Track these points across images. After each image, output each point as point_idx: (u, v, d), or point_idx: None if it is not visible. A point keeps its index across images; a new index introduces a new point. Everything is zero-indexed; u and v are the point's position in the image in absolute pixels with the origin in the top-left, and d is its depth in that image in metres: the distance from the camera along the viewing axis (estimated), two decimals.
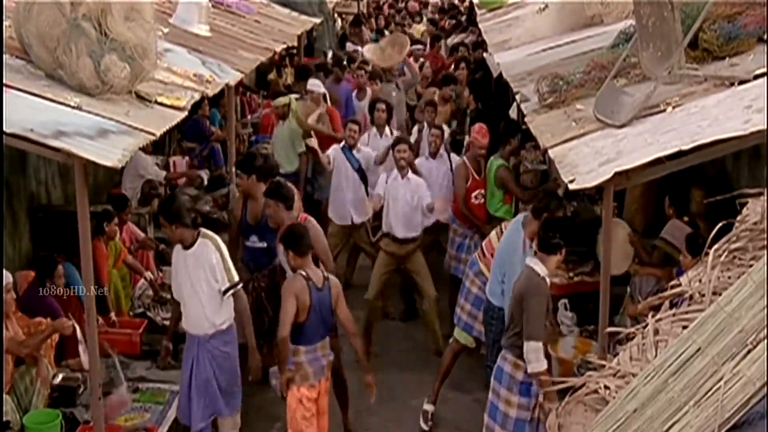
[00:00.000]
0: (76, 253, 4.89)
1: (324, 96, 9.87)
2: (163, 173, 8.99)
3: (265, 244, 6.85)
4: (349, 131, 8.69)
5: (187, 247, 5.70)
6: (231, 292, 5.72)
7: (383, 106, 9.42)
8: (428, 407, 6.84)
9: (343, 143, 8.71)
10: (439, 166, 8.45)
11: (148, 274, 7.42)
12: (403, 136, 8.72)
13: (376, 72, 11.13)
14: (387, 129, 9.45)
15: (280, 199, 6.36)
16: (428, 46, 14.85)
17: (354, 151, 8.65)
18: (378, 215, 8.15)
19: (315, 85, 9.87)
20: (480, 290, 6.71)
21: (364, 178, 8.64)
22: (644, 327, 3.59)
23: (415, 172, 8.00)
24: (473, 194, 7.94)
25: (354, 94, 10.98)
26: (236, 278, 5.80)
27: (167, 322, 6.78)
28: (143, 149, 7.33)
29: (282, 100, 9.60)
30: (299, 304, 5.56)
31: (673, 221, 6.61)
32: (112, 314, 6.80)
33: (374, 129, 9.38)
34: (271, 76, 13.81)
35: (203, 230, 5.81)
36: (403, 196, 7.76)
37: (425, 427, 6.79)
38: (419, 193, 7.78)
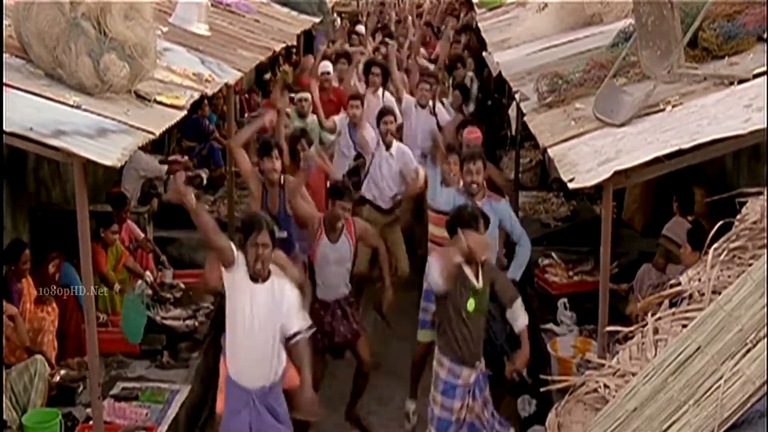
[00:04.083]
0: (75, 253, 4.88)
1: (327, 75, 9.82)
2: (165, 167, 9.00)
3: (285, 234, 6.65)
4: (351, 107, 8.50)
5: (258, 280, 4.92)
6: (303, 335, 4.98)
7: (378, 70, 9.49)
8: (410, 405, 6.66)
9: (348, 120, 8.58)
10: (426, 117, 8.83)
11: (148, 275, 7.41)
12: (389, 107, 8.60)
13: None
14: (381, 90, 9.43)
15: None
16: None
17: (356, 131, 8.42)
18: (357, 185, 8.00)
19: (323, 66, 9.88)
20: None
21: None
22: (644, 326, 3.59)
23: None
24: None
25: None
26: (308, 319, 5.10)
27: (167, 322, 6.79)
28: (143, 148, 7.32)
29: (303, 95, 9.21)
30: None
31: (676, 218, 6.63)
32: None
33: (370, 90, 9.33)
34: (267, 75, 13.81)
35: (274, 266, 4.98)
36: (387, 169, 7.95)
37: (408, 427, 6.64)
38: (404, 161, 7.93)
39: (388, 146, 8.01)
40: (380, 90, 9.44)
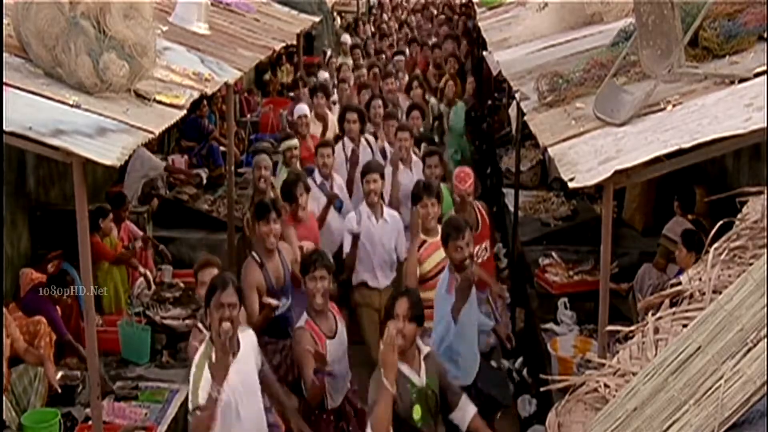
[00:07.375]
0: (75, 252, 4.87)
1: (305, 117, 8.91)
2: (163, 164, 9.02)
3: (290, 301, 6.04)
4: (320, 157, 7.51)
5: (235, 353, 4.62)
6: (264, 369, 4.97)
7: (354, 116, 8.30)
8: None
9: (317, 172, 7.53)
10: (412, 176, 7.53)
11: (147, 274, 7.40)
12: (375, 163, 7.25)
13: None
14: (363, 140, 8.36)
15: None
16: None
17: (329, 181, 7.48)
18: (341, 265, 6.78)
19: (300, 110, 8.96)
20: None
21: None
22: (644, 325, 3.58)
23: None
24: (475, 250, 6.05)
25: None
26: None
27: (166, 321, 6.78)
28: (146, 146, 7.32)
29: (290, 143, 8.05)
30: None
31: (676, 218, 6.64)
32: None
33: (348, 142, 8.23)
34: (267, 75, 13.83)
35: (241, 326, 4.83)
36: (379, 241, 6.70)
37: None
38: (396, 236, 6.80)
39: (377, 216, 6.69)
40: (362, 139, 8.33)
